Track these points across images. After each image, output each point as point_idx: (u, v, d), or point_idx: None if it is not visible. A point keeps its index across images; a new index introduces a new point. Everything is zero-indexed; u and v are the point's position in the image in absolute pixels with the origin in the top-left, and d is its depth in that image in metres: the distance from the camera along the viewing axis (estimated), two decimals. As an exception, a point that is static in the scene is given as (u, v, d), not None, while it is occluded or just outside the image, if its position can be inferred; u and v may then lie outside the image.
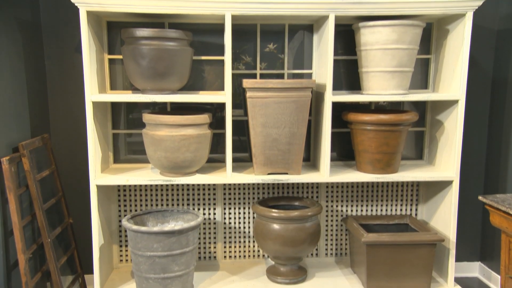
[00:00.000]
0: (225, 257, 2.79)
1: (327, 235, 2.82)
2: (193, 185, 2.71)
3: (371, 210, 2.82)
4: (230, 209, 2.75)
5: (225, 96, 2.30)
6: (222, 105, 2.68)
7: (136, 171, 2.52)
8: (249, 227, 2.78)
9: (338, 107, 2.62)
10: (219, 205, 2.74)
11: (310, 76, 2.69)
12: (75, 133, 2.66)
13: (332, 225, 2.81)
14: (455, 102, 2.41)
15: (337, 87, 2.69)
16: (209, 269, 2.68)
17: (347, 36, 2.65)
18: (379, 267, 2.39)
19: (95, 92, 2.33)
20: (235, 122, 2.66)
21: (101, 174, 2.41)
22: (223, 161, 2.73)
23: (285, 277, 2.49)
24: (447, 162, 2.52)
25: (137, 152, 2.71)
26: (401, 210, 2.83)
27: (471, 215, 2.95)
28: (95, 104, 2.32)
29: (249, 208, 2.76)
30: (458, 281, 2.78)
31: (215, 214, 2.75)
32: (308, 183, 2.76)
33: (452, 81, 2.46)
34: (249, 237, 2.78)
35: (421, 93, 2.50)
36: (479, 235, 2.98)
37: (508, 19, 2.70)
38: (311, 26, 2.65)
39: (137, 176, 2.41)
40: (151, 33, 2.21)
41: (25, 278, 2.15)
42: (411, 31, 2.30)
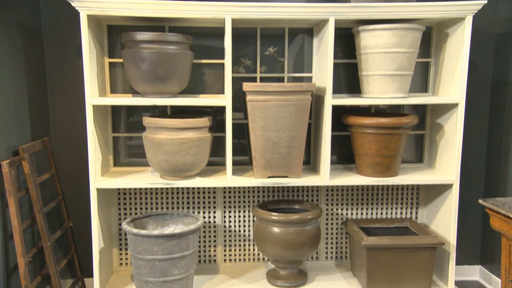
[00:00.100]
0: (225, 260, 2.79)
1: (327, 239, 2.82)
2: (193, 188, 2.71)
3: (371, 213, 2.82)
4: (230, 212, 2.75)
5: (225, 99, 2.30)
6: (222, 108, 2.68)
7: (136, 174, 2.52)
8: (249, 231, 2.77)
9: (338, 111, 2.62)
10: (219, 208, 2.74)
11: (310, 79, 2.70)
12: (75, 137, 2.66)
13: (332, 229, 2.81)
14: (455, 105, 2.42)
15: (337, 91, 2.69)
16: (209, 272, 2.68)
17: (347, 39, 2.66)
18: (379, 270, 2.38)
19: (95, 95, 2.33)
20: (235, 125, 2.66)
21: (101, 177, 2.41)
22: (223, 164, 2.73)
23: (285, 281, 2.49)
24: (447, 165, 2.52)
25: (137, 155, 2.72)
26: (401, 213, 2.83)
27: (472, 218, 2.95)
28: (95, 107, 2.32)
29: (249, 211, 2.76)
30: (458, 284, 2.78)
31: (215, 217, 2.75)
32: (308, 187, 2.76)
33: (452, 85, 2.46)
34: (249, 240, 2.78)
35: (421, 97, 2.50)
36: (479, 239, 2.98)
37: (507, 22, 2.71)
38: (311, 29, 2.66)
39: (137, 179, 2.41)
40: (152, 36, 2.22)
41: (24, 281, 2.14)
42: (411, 35, 2.31)
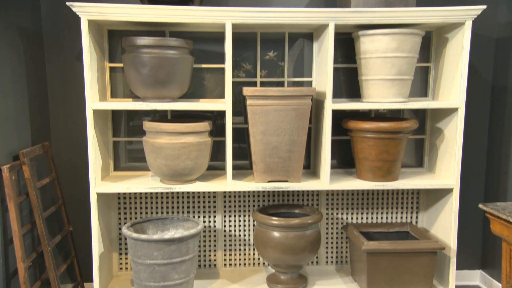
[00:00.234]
0: (225, 265, 2.78)
1: (327, 243, 2.81)
2: (193, 192, 2.71)
3: (372, 218, 2.82)
4: (230, 216, 2.75)
5: (225, 104, 2.31)
6: (222, 112, 2.68)
7: (136, 178, 2.52)
8: (249, 235, 2.77)
9: (338, 115, 2.62)
10: (219, 212, 2.74)
11: (310, 84, 2.70)
12: (75, 141, 2.67)
13: (332, 233, 2.81)
14: (454, 110, 2.42)
15: (337, 95, 2.69)
16: (209, 277, 2.67)
17: (347, 44, 2.66)
18: (379, 275, 2.38)
19: (95, 100, 2.34)
20: (235, 129, 2.66)
21: (101, 181, 2.41)
22: (223, 168, 2.73)
23: (285, 285, 2.48)
24: (447, 169, 2.52)
25: (138, 159, 2.72)
26: (401, 218, 2.83)
27: (472, 223, 2.94)
28: (96, 112, 2.32)
29: (249, 215, 2.76)
30: (459, 289, 2.77)
31: (215, 221, 2.75)
32: (308, 191, 2.76)
33: (451, 89, 2.47)
34: (249, 245, 2.78)
35: (421, 101, 2.51)
36: (479, 243, 2.97)
37: (507, 27, 2.71)
38: (311, 34, 2.66)
39: (137, 183, 2.41)
40: (152, 41, 2.22)
41: (24, 286, 2.14)
42: (411, 40, 2.31)
